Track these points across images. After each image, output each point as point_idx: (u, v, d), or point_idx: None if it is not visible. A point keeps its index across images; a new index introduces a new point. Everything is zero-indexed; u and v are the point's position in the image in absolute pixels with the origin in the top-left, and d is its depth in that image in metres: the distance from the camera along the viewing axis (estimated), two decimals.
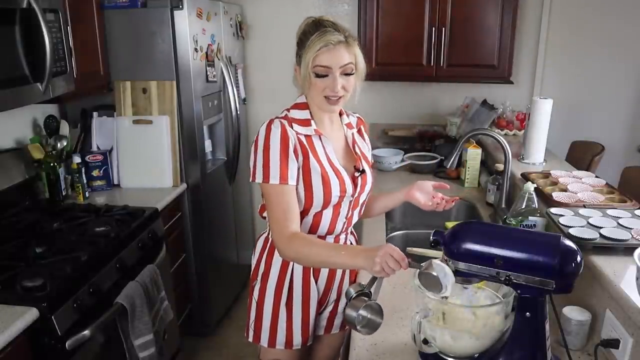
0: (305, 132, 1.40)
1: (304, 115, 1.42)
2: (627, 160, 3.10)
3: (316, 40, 1.33)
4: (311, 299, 1.51)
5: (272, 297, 1.49)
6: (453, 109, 3.20)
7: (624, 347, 1.11)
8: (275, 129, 1.35)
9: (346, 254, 1.29)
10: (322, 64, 1.33)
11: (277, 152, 1.33)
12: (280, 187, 1.34)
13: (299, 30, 1.42)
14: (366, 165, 1.52)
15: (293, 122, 1.40)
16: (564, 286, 0.99)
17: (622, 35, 3.03)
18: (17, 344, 1.39)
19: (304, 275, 1.49)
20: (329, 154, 1.44)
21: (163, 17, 2.40)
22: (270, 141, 1.34)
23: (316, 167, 1.38)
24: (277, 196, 1.34)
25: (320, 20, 1.40)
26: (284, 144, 1.34)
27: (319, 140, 1.43)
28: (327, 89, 1.35)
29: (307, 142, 1.40)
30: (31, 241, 1.82)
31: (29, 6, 1.72)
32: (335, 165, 1.43)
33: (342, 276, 1.57)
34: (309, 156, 1.38)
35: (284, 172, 1.33)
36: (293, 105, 1.45)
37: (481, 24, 2.79)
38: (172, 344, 2.29)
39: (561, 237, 1.00)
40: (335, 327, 1.63)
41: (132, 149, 2.51)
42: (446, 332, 1.09)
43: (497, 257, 1.01)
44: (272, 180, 1.33)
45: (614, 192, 1.79)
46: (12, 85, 1.70)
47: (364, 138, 1.60)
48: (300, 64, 1.38)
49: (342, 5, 3.23)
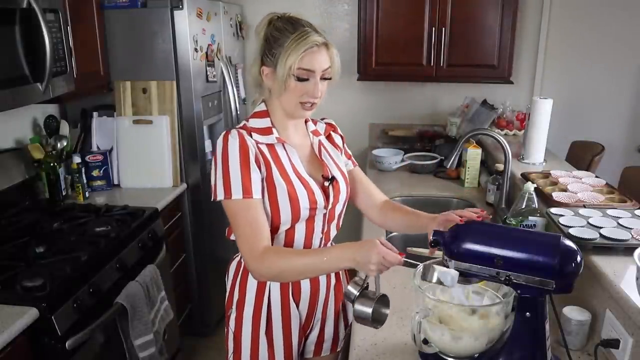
0: (267, 141, 1.29)
1: (264, 124, 1.31)
2: (627, 160, 3.10)
3: (300, 40, 1.21)
4: (292, 324, 1.38)
5: (249, 327, 1.36)
6: (453, 109, 3.20)
7: (624, 347, 1.11)
8: (233, 140, 1.23)
9: (329, 259, 1.17)
10: (306, 67, 1.22)
11: (237, 164, 1.22)
12: (244, 202, 1.22)
13: (265, 27, 1.28)
14: (337, 173, 1.39)
15: (252, 131, 1.29)
16: (564, 286, 0.99)
17: (622, 35, 3.03)
18: (17, 344, 1.39)
19: (282, 299, 1.36)
20: (295, 163, 1.32)
21: (163, 17, 2.40)
22: (229, 153, 1.23)
23: (279, 180, 1.27)
24: (243, 212, 1.23)
25: (295, 18, 1.28)
26: (244, 155, 1.23)
27: (283, 149, 1.31)
28: (306, 95, 1.25)
29: (269, 152, 1.29)
30: (31, 241, 1.82)
31: (29, 6, 1.72)
32: (302, 175, 1.31)
33: (326, 297, 1.44)
34: (271, 168, 1.27)
35: (247, 185, 1.22)
36: (252, 115, 1.34)
37: (481, 24, 2.79)
38: (172, 344, 2.29)
39: (561, 237, 1.00)
40: (325, 350, 1.51)
41: (132, 149, 2.51)
42: (446, 332, 1.09)
43: (497, 257, 1.01)
44: (234, 196, 1.21)
45: (614, 192, 1.79)
46: (12, 85, 1.70)
47: (335, 143, 1.48)
48: (272, 65, 1.25)
49: (342, 5, 3.23)
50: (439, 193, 2.47)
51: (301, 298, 1.39)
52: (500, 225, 1.11)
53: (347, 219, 1.47)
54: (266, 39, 1.27)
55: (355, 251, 1.14)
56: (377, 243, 1.11)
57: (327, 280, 1.43)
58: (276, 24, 1.27)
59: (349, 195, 1.42)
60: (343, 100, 3.29)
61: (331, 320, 1.48)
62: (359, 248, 1.13)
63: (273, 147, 1.30)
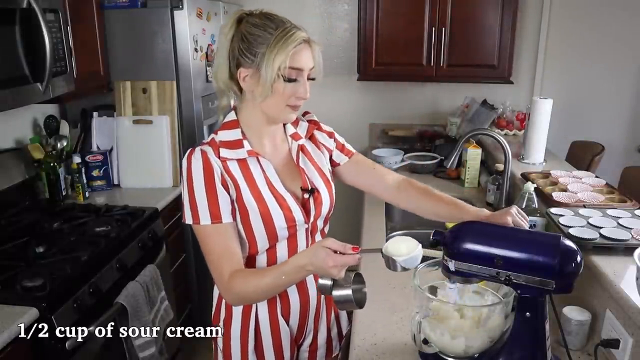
0: (236, 157, 1.18)
1: (233, 136, 1.20)
2: (627, 160, 3.10)
3: (287, 36, 1.11)
4: (283, 339, 1.31)
5: (238, 345, 1.30)
6: (453, 109, 3.20)
7: (624, 347, 1.11)
8: (196, 161, 1.15)
9: (287, 274, 1.11)
10: (297, 66, 1.12)
11: (202, 187, 1.14)
12: (213, 228, 1.15)
13: (234, 25, 1.16)
14: (319, 181, 1.29)
15: (221, 146, 1.18)
16: (564, 286, 0.99)
17: (622, 35, 3.03)
18: (17, 344, 1.39)
19: (270, 316, 1.29)
20: (270, 177, 1.21)
21: (163, 17, 2.40)
22: (193, 176, 1.14)
23: (250, 200, 1.17)
24: (212, 237, 1.15)
25: (269, 13, 1.17)
26: (208, 177, 1.14)
27: (257, 162, 1.21)
28: (294, 97, 1.15)
29: (240, 169, 1.18)
30: (31, 241, 1.82)
31: (29, 6, 1.72)
32: (277, 191, 1.21)
33: (316, 309, 1.36)
34: (239, 188, 1.17)
35: (214, 210, 1.14)
36: (221, 126, 1.23)
37: (481, 24, 2.79)
38: (172, 344, 2.29)
39: (561, 237, 1.00)
40: (320, 357, 1.43)
41: (132, 149, 2.51)
42: (446, 332, 1.09)
43: (497, 257, 1.01)
44: (203, 221, 1.14)
45: (614, 192, 1.79)
46: (12, 85, 1.70)
47: (319, 143, 1.35)
48: (252, 66, 1.13)
49: (342, 5, 3.23)
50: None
51: (291, 314, 1.31)
52: (501, 225, 1.11)
53: (347, 219, 1.46)
54: (242, 38, 1.14)
55: (309, 261, 1.07)
56: (326, 249, 1.04)
57: (317, 292, 1.33)
58: (251, 20, 1.15)
59: (333, 203, 1.32)
60: (343, 100, 3.29)
61: (324, 329, 1.42)
62: (312, 257, 1.06)
63: (245, 162, 1.20)
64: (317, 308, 1.36)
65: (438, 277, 1.17)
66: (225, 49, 1.16)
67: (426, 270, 1.18)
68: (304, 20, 3.19)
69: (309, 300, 1.33)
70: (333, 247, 1.04)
